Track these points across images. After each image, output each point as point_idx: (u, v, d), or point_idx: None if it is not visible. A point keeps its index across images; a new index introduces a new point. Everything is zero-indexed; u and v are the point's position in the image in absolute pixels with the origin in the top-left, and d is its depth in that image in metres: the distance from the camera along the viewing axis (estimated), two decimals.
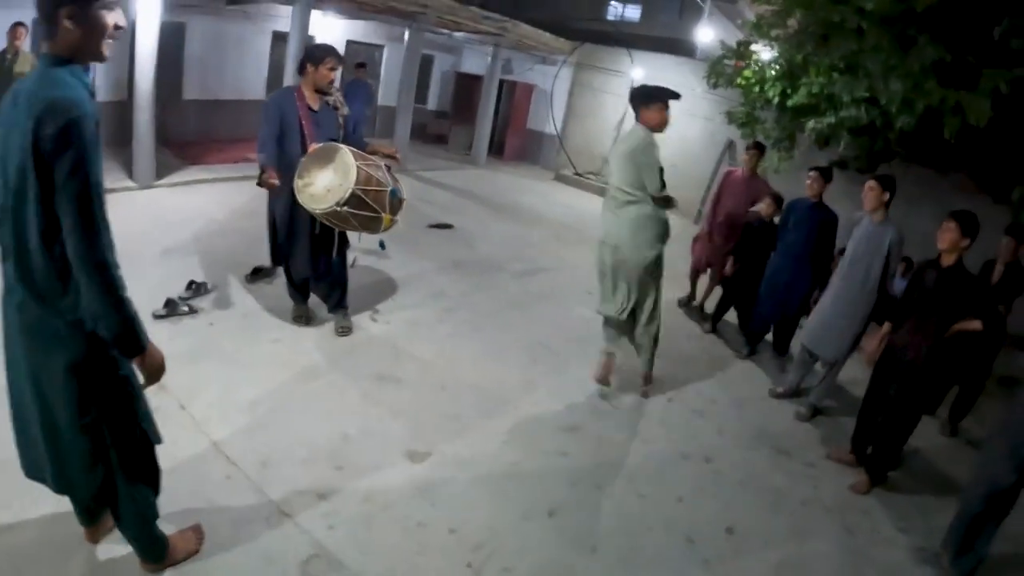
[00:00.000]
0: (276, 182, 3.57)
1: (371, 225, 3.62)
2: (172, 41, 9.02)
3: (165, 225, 5.62)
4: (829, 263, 4.78)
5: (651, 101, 3.72)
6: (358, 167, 3.42)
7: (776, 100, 6.56)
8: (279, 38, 10.27)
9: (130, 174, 6.80)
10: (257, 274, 4.82)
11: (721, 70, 7.85)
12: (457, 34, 11.33)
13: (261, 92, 9.89)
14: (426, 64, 13.43)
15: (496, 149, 12.68)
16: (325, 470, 2.93)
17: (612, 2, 13.75)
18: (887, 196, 3.92)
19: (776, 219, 5.23)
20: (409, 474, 3.02)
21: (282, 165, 3.64)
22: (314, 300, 4.31)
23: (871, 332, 3.99)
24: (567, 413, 3.84)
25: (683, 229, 9.93)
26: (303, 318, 4.24)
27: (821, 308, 4.30)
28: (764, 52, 6.84)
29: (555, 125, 12.16)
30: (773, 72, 6.51)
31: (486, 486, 3.06)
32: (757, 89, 6.79)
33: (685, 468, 3.55)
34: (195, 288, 4.37)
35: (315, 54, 3.70)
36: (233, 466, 2.86)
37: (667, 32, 11.56)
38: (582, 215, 9.21)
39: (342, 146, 3.53)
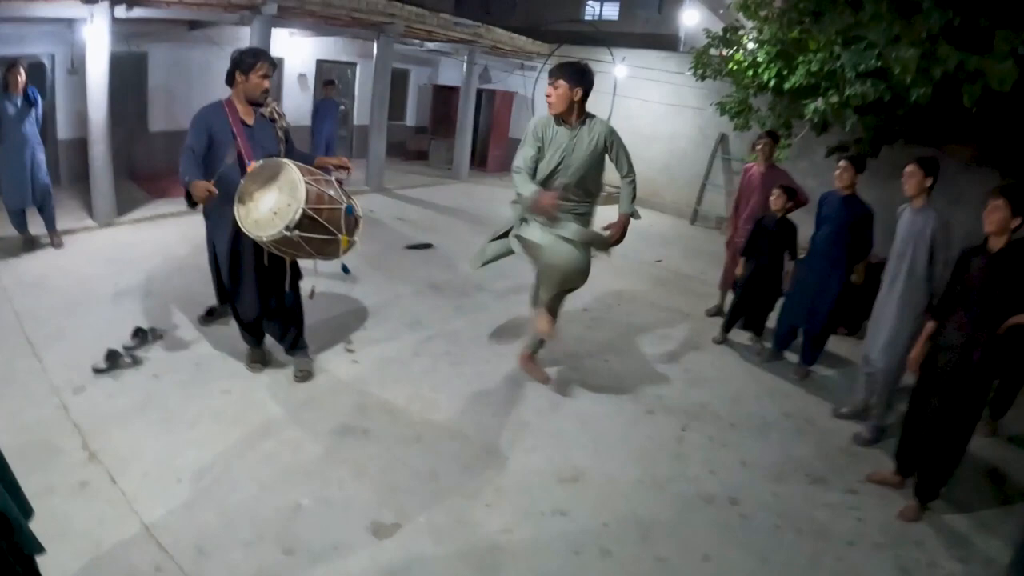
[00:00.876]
0: (212, 188, 3.00)
1: (327, 249, 3.16)
2: (134, 72, 8.82)
3: (122, 265, 5.16)
4: (861, 262, 4.28)
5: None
6: (307, 183, 2.94)
7: (772, 83, 6.06)
8: None
9: (90, 212, 6.38)
10: (212, 315, 4.33)
11: (707, 60, 7.41)
12: (430, 44, 10.89)
13: None
14: (401, 79, 12.98)
15: (479, 161, 12.19)
16: (272, 555, 2.41)
17: (589, 2, 13.35)
18: (930, 181, 3.46)
19: (789, 214, 4.75)
20: (374, 553, 2.48)
21: (218, 190, 3.14)
22: (273, 342, 3.81)
23: None
24: (565, 458, 3.29)
25: (679, 232, 9.45)
26: (258, 363, 3.75)
27: (874, 312, 3.83)
28: (754, 33, 6.37)
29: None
30: (766, 54, 6.02)
31: (469, 562, 2.51)
32: (750, 73, 6.31)
33: (709, 515, 3.00)
34: (141, 336, 3.91)
35: (244, 61, 3.23)
36: (164, 553, 2.37)
37: (648, 28, 11.17)
38: None
39: (286, 161, 3.07)
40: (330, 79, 9.03)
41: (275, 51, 10.76)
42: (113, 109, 6.41)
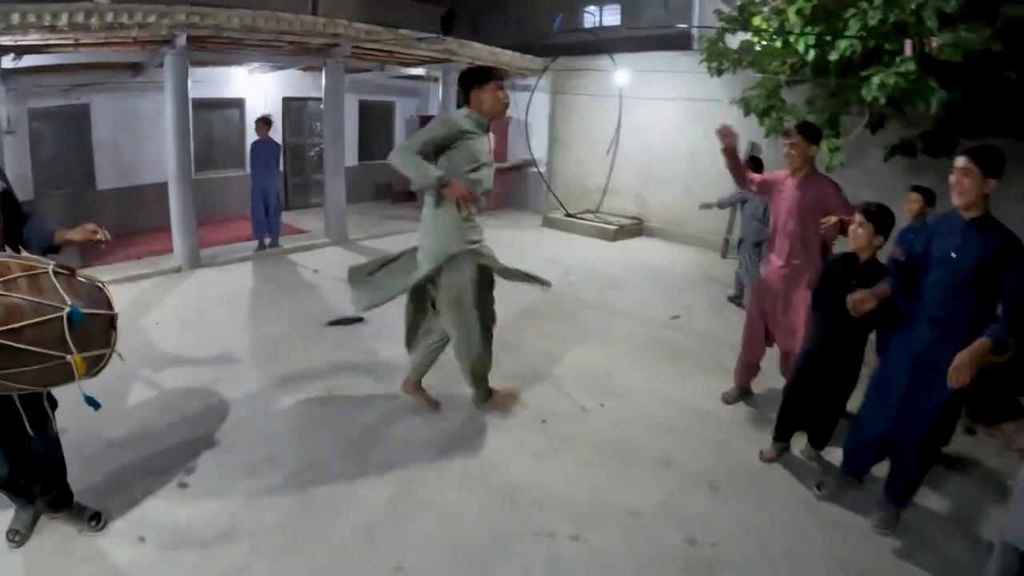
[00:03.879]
0: None
1: (55, 377, 2.08)
2: (77, 127, 7.96)
3: None
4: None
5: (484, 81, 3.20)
6: None
7: (811, 57, 4.19)
8: (202, 106, 8.72)
9: None
10: None
11: (722, 49, 5.66)
12: (406, 69, 9.48)
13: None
14: (386, 112, 11.65)
15: None
16: None
17: (587, 9, 11.79)
18: None
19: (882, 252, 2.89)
20: None
21: None
22: None
23: None
24: None
25: (707, 270, 7.36)
26: (19, 532, 2.53)
27: None
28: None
29: (533, 158, 10.04)
30: (797, 13, 4.15)
31: None
32: (779, 45, 4.45)
33: None
34: None
35: None
36: None
37: (656, 29, 9.51)
38: (569, 270, 6.82)
39: None
40: (264, 117, 7.47)
41: (233, 92, 9.60)
42: (54, 168, 5.65)
